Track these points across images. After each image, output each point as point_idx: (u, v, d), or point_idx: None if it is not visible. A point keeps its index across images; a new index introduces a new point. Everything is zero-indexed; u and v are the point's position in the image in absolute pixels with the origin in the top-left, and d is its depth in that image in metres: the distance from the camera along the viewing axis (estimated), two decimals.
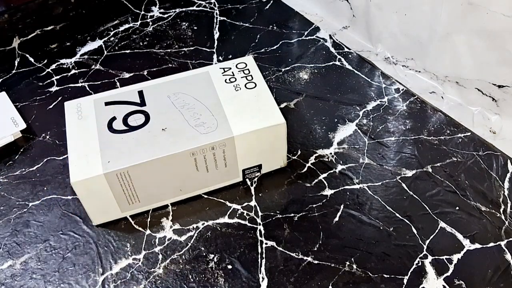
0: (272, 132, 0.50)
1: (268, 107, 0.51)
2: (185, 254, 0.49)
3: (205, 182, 0.52)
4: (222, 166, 0.51)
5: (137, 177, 0.47)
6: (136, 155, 0.47)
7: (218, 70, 0.55)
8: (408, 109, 0.62)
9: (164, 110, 0.50)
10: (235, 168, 0.52)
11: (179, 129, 0.49)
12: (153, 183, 0.49)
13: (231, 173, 0.52)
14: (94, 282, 0.47)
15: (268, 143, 0.51)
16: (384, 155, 0.57)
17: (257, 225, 0.51)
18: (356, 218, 0.51)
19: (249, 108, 0.51)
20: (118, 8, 0.78)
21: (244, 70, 0.55)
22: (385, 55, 0.71)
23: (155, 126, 0.49)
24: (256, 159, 0.52)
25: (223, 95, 0.52)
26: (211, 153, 0.49)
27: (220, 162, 0.50)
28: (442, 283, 0.46)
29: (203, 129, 0.49)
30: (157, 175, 0.48)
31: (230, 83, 0.53)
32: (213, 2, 0.79)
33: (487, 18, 0.56)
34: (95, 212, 0.49)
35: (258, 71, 0.55)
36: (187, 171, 0.49)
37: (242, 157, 0.51)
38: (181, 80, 0.54)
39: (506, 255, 0.48)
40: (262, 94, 0.52)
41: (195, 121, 0.49)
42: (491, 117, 0.62)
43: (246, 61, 0.56)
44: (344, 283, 0.46)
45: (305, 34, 0.74)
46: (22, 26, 0.73)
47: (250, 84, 0.53)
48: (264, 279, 0.47)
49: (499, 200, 0.53)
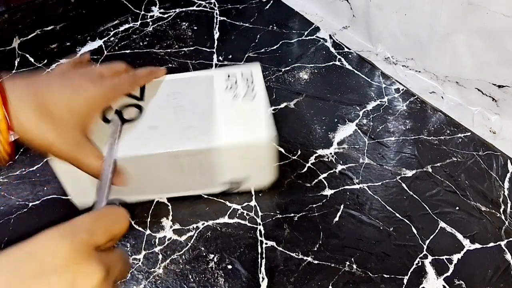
0: (256, 149, 0.48)
1: (259, 122, 0.49)
2: (185, 254, 0.49)
3: (188, 186, 0.51)
4: (202, 173, 0.50)
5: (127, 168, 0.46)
6: (128, 148, 0.46)
7: (223, 75, 0.54)
8: (408, 109, 0.62)
9: (159, 108, 0.50)
10: (216, 178, 0.51)
11: (167, 129, 0.48)
12: (140, 177, 0.48)
13: (214, 182, 0.51)
14: None
15: (252, 158, 0.50)
16: (384, 155, 0.57)
17: (257, 225, 0.51)
18: (356, 218, 0.51)
19: (240, 120, 0.49)
20: (118, 8, 0.78)
21: (248, 78, 0.54)
22: (385, 55, 0.71)
23: (145, 122, 0.48)
24: (241, 172, 0.51)
25: (219, 102, 0.51)
26: (192, 159, 0.48)
27: (200, 169, 0.49)
28: (442, 283, 0.46)
29: (189, 133, 0.48)
30: (143, 170, 0.48)
31: (230, 90, 0.52)
32: (213, 2, 0.79)
33: (487, 18, 0.56)
34: (75, 193, 0.49)
35: (262, 82, 0.53)
36: (171, 171, 0.49)
37: (224, 169, 0.50)
38: (184, 81, 0.53)
39: (506, 255, 0.48)
40: (257, 107, 0.50)
41: (183, 123, 0.49)
42: (491, 117, 0.62)
43: (253, 69, 0.55)
44: (344, 283, 0.46)
45: (305, 34, 0.74)
46: (22, 26, 0.73)
47: (249, 95, 0.52)
48: (264, 279, 0.47)
49: (499, 200, 0.53)
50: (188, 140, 0.47)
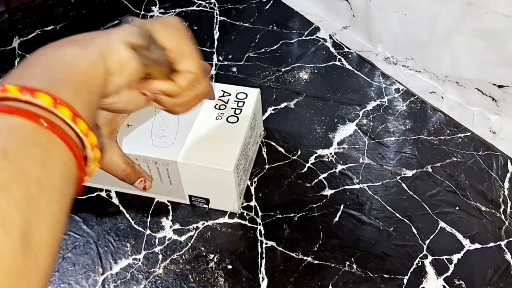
0: (218, 174, 0.47)
1: (230, 149, 0.48)
2: (185, 254, 0.49)
3: (153, 189, 0.50)
4: (167, 182, 0.50)
5: None
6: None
7: (218, 90, 0.53)
8: (408, 109, 0.62)
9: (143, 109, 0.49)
10: (180, 190, 0.51)
11: (140, 131, 0.49)
12: None
13: (177, 193, 0.51)
14: (94, 282, 0.47)
15: (214, 182, 0.49)
16: (384, 155, 0.57)
17: (257, 225, 0.51)
18: (356, 218, 0.51)
19: (213, 141, 0.49)
20: (118, 8, 0.78)
21: (240, 101, 0.52)
22: (385, 55, 0.71)
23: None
24: (203, 192, 0.51)
25: (200, 119, 0.50)
26: (154, 166, 0.48)
27: (164, 177, 0.50)
28: (442, 283, 0.46)
29: (158, 141, 0.48)
30: None
31: (217, 109, 0.51)
32: (213, 2, 0.79)
33: (487, 18, 0.56)
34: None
35: (252, 109, 0.52)
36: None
37: (188, 183, 0.50)
38: None
39: (506, 255, 0.48)
40: (236, 133, 0.49)
41: (158, 130, 0.49)
42: (491, 117, 0.62)
43: (250, 93, 0.53)
44: (344, 283, 0.46)
45: (305, 34, 0.74)
46: (22, 26, 0.73)
47: (232, 118, 0.51)
48: (264, 279, 0.47)
49: (499, 200, 0.53)
50: (154, 148, 0.48)
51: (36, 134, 0.24)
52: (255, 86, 0.62)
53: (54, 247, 0.23)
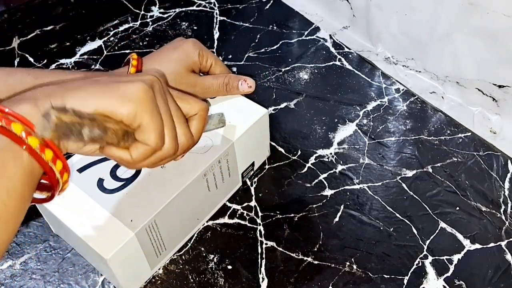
0: (259, 124, 0.51)
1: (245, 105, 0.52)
2: (185, 254, 0.49)
3: (215, 201, 0.51)
4: (227, 177, 0.50)
5: (163, 222, 0.44)
6: (155, 201, 0.43)
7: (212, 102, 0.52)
8: (408, 109, 0.62)
9: None
10: (236, 174, 0.52)
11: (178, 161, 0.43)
12: (176, 222, 0.46)
13: (234, 181, 0.52)
14: (94, 282, 0.47)
15: (256, 136, 0.52)
16: (384, 155, 0.57)
17: (257, 225, 0.51)
18: (356, 218, 0.51)
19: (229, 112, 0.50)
20: (118, 8, 0.78)
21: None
22: (385, 55, 0.71)
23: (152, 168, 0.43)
24: (250, 158, 0.53)
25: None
26: (218, 167, 0.48)
27: (225, 173, 0.49)
28: (442, 283, 0.46)
29: (201, 149, 0.47)
30: (178, 212, 0.46)
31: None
32: (213, 2, 0.79)
33: (487, 18, 0.56)
34: (129, 282, 0.45)
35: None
36: (201, 196, 0.48)
37: (240, 160, 0.51)
38: None
39: (507, 255, 0.48)
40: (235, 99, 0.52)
41: None
42: (492, 117, 0.62)
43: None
44: (344, 283, 0.46)
45: (305, 34, 0.74)
46: (22, 26, 0.73)
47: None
48: (264, 279, 0.47)
49: (499, 200, 0.53)
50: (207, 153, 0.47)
51: None
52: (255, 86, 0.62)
53: None
